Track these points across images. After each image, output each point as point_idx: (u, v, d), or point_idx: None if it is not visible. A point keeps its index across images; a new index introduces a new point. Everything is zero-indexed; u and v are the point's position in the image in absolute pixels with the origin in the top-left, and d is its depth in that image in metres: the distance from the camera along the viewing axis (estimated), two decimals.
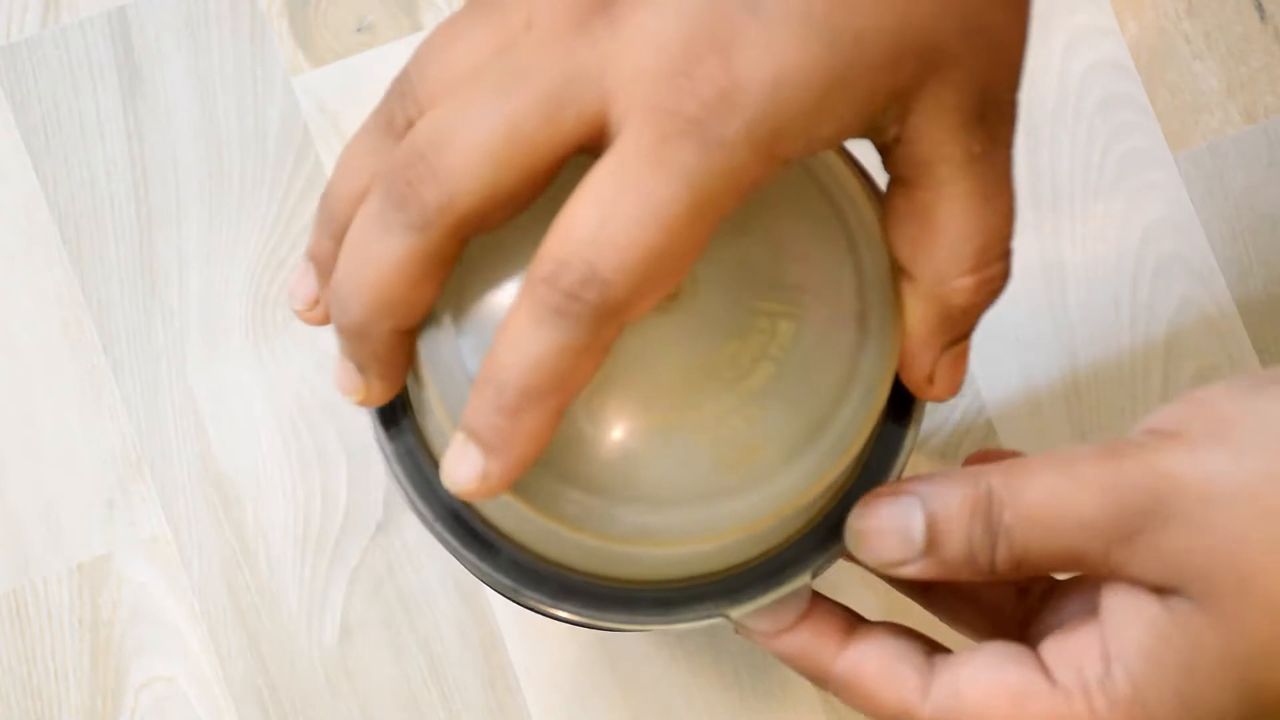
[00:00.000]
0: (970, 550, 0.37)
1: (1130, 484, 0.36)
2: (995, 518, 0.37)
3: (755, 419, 0.36)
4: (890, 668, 0.38)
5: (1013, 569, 0.37)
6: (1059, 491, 0.36)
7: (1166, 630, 0.35)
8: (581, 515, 0.36)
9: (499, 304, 0.36)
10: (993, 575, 0.37)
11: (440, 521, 0.38)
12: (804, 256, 0.37)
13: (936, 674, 0.38)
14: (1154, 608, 0.36)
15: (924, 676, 0.38)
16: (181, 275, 0.55)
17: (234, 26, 0.56)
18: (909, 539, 0.37)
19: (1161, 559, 0.35)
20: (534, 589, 0.38)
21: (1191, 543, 0.35)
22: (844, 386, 0.37)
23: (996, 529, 0.37)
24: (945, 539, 0.37)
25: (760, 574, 0.38)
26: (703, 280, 0.37)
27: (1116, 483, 0.36)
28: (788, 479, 0.37)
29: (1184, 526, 0.35)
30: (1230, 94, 0.56)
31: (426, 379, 0.37)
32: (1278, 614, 0.35)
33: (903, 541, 0.37)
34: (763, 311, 0.37)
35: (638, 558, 0.37)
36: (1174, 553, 0.35)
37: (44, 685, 0.54)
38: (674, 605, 0.38)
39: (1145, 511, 0.35)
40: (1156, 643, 0.36)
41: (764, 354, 0.37)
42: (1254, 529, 0.35)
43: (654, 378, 0.36)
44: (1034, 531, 0.36)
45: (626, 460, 0.36)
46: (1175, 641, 0.35)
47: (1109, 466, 0.36)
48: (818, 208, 0.38)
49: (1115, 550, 0.36)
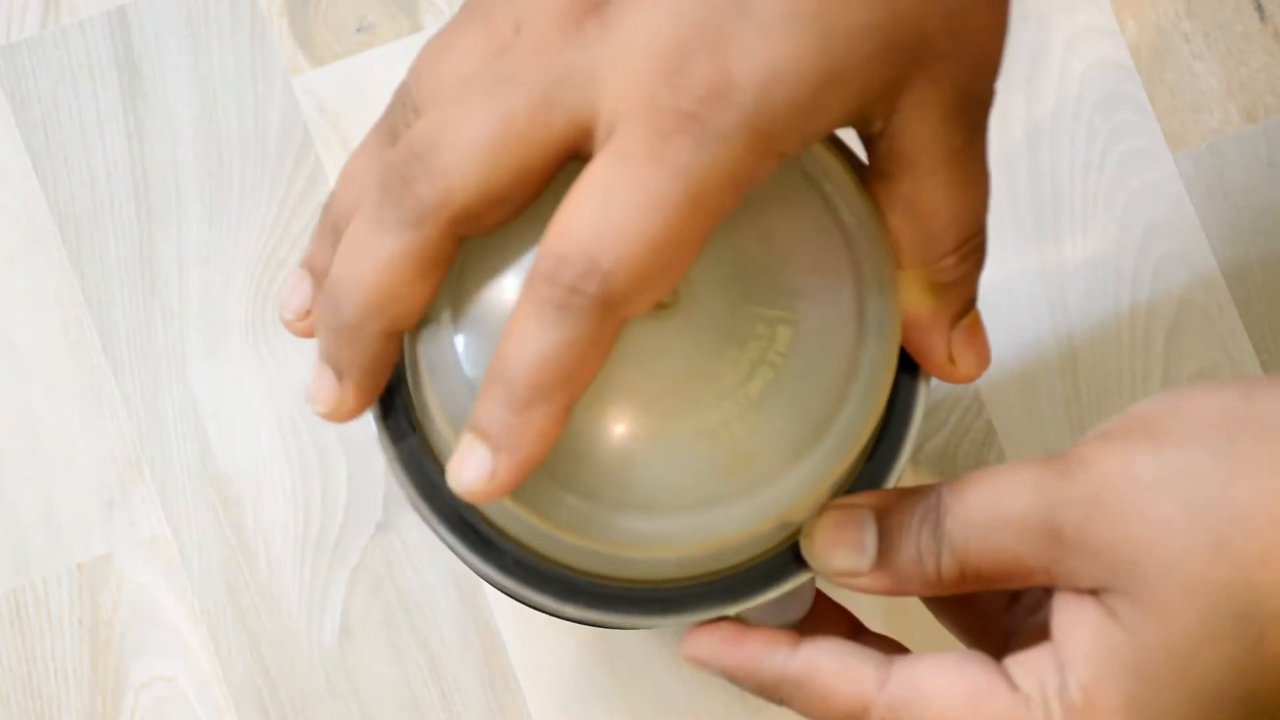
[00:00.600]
0: (918, 558, 0.37)
1: (1058, 482, 0.36)
2: (939, 524, 0.37)
3: (754, 425, 0.36)
4: (846, 662, 0.38)
5: (958, 578, 0.37)
6: (994, 495, 0.37)
7: (1110, 633, 0.36)
8: (581, 521, 0.36)
9: (497, 307, 0.36)
10: (941, 586, 0.38)
11: (443, 523, 0.38)
12: (801, 260, 0.37)
13: (895, 668, 0.38)
14: (1095, 612, 0.36)
15: (881, 670, 0.38)
16: (181, 275, 0.55)
17: (234, 26, 0.56)
18: (862, 549, 0.38)
19: (1093, 554, 0.36)
20: (537, 589, 0.38)
21: (1118, 534, 0.35)
22: (844, 388, 0.37)
23: (940, 536, 0.37)
24: (895, 548, 0.38)
25: (764, 572, 0.39)
26: (700, 286, 0.37)
27: (1046, 482, 0.36)
28: (789, 482, 0.37)
29: (1110, 518, 0.35)
30: (1230, 94, 0.56)
31: (426, 382, 0.37)
32: (1201, 601, 0.35)
33: (855, 551, 0.38)
34: (761, 317, 0.37)
35: (639, 561, 0.37)
36: (1103, 544, 0.36)
37: (44, 685, 0.54)
38: (677, 604, 0.38)
39: (1072, 504, 0.36)
40: (1101, 647, 0.36)
41: (763, 360, 0.37)
42: (1175, 516, 0.35)
43: (653, 384, 0.36)
44: (972, 535, 0.37)
45: (626, 466, 0.36)
46: (1119, 644, 0.36)
47: (1042, 469, 0.37)
48: (813, 209, 0.38)
49: (1048, 549, 0.36)
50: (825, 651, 0.38)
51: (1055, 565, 0.36)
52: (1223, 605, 0.35)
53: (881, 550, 0.38)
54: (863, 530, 0.38)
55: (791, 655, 0.38)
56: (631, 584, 0.38)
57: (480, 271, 0.37)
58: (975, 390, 0.55)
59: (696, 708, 0.54)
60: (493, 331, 0.36)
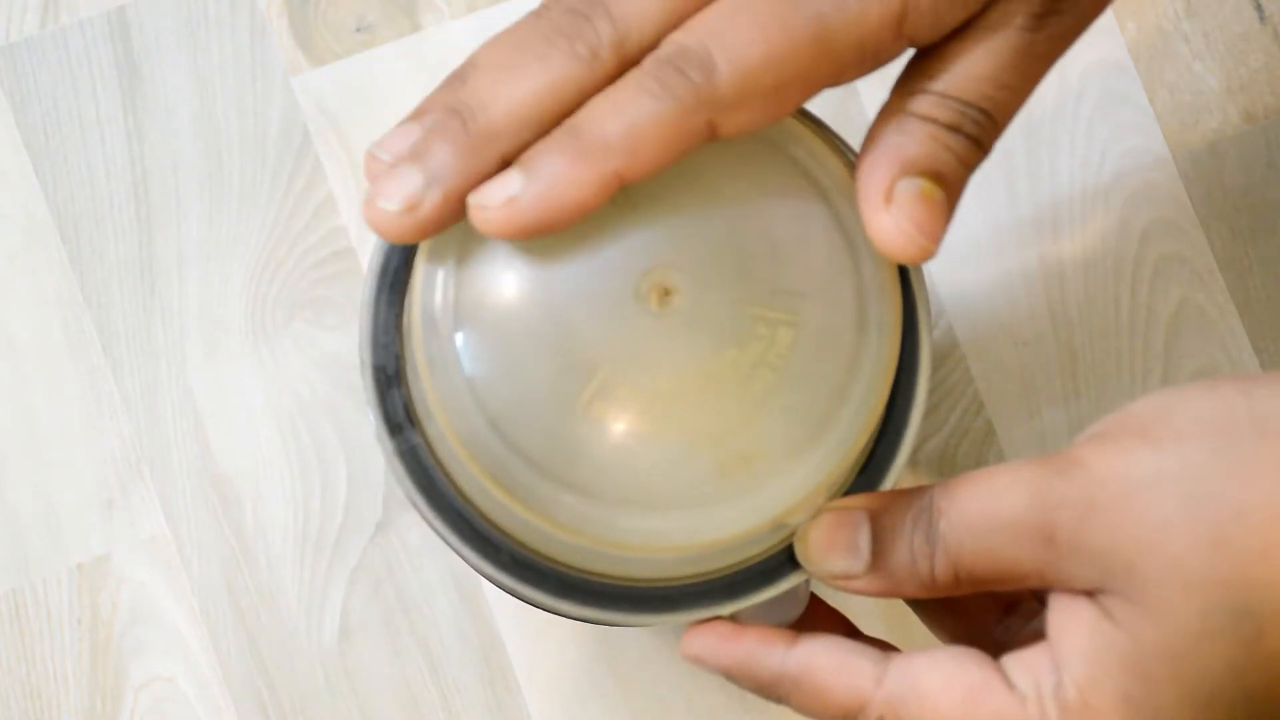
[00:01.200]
0: (912, 560, 0.37)
1: (1054, 483, 0.36)
2: (933, 526, 0.37)
3: (754, 426, 0.36)
4: (843, 659, 0.38)
5: (951, 580, 0.37)
6: (989, 496, 0.37)
7: (1106, 633, 0.36)
8: (580, 519, 0.36)
9: (499, 306, 0.36)
10: (935, 588, 0.38)
11: (441, 519, 0.38)
12: (802, 260, 0.37)
13: (891, 664, 0.38)
14: (1090, 611, 0.36)
15: (878, 666, 0.38)
16: (181, 275, 0.55)
17: (234, 26, 0.56)
18: (855, 551, 0.38)
19: (1089, 555, 0.36)
20: (534, 586, 0.38)
21: (1115, 535, 0.35)
22: (843, 390, 0.37)
23: (934, 538, 0.37)
24: (888, 550, 0.37)
25: (760, 571, 0.39)
26: (701, 286, 0.37)
27: (1041, 484, 0.36)
28: (787, 483, 0.37)
29: (1106, 519, 0.35)
30: (1230, 94, 0.56)
31: (426, 379, 0.37)
32: (1202, 599, 0.35)
33: (850, 554, 0.38)
34: (761, 319, 0.37)
35: (636, 559, 0.37)
36: (1099, 546, 0.35)
37: (43, 685, 0.54)
38: (674, 602, 0.38)
39: (1068, 506, 0.36)
40: (1097, 647, 0.36)
41: (762, 361, 0.37)
42: (1174, 515, 0.35)
43: (653, 384, 0.36)
44: (966, 537, 0.37)
45: (625, 466, 0.36)
46: (1115, 643, 0.36)
47: (1036, 470, 0.36)
48: (816, 209, 0.38)
49: (1043, 552, 0.36)
50: (822, 648, 0.38)
51: (1050, 568, 0.36)
52: (1220, 603, 0.35)
53: (875, 553, 0.38)
54: (857, 533, 0.38)
55: (789, 653, 0.38)
56: (629, 582, 0.38)
57: (484, 270, 0.37)
58: (975, 389, 0.55)
59: (696, 708, 0.54)
60: (493, 330, 0.36)
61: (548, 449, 0.36)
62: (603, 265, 0.36)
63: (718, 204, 0.37)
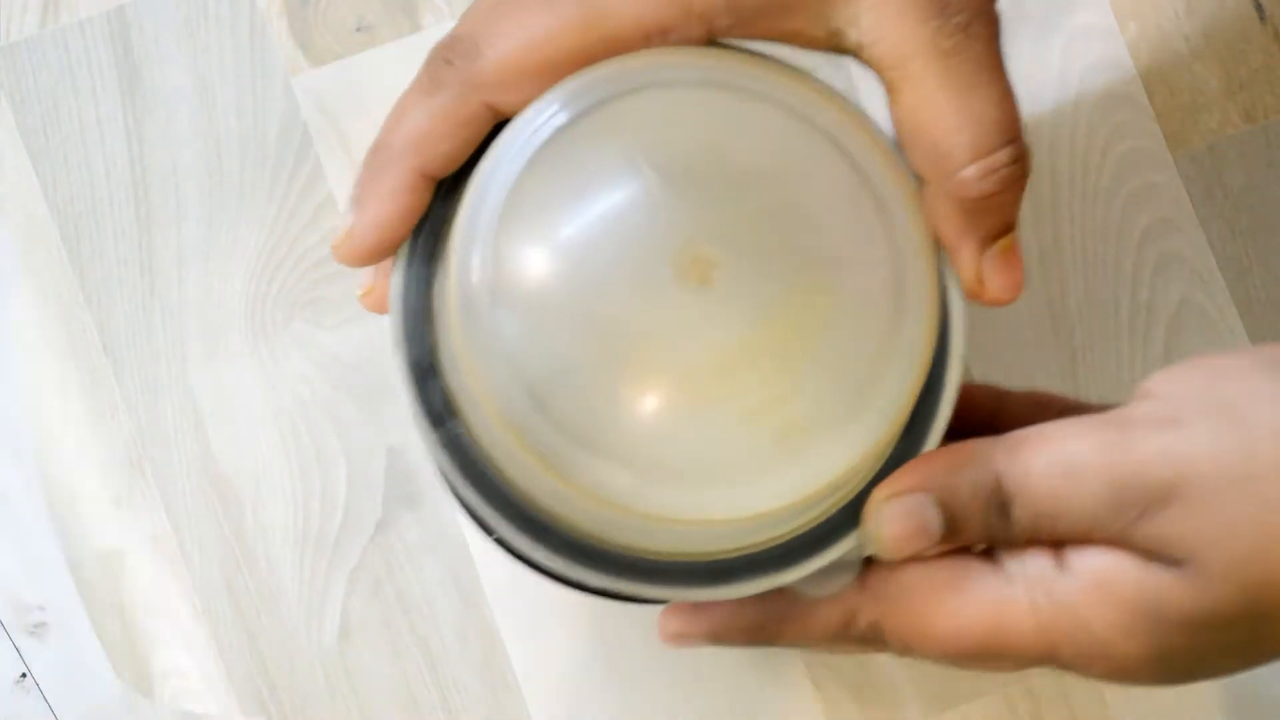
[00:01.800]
0: (989, 533, 0.38)
1: (1134, 475, 0.36)
2: (1006, 508, 0.37)
3: (802, 394, 0.37)
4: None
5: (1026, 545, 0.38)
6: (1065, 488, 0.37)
7: (1129, 569, 0.36)
8: (634, 496, 0.36)
9: (541, 288, 0.36)
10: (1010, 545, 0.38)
11: (490, 506, 0.38)
12: (837, 228, 0.38)
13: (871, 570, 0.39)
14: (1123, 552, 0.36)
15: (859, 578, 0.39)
16: (181, 275, 0.55)
17: (233, 26, 0.56)
18: (928, 533, 0.38)
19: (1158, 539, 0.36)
20: (590, 568, 0.38)
21: (1188, 527, 0.36)
22: (884, 357, 0.37)
23: (1009, 519, 0.37)
24: (963, 527, 0.38)
25: (812, 538, 0.39)
26: (739, 257, 0.37)
27: (1120, 475, 0.36)
28: (833, 454, 0.37)
29: (1185, 511, 0.36)
30: (1230, 94, 0.56)
31: (468, 366, 0.37)
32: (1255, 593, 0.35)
33: (922, 536, 0.38)
34: (798, 288, 0.37)
35: (691, 534, 0.38)
36: (1170, 535, 0.36)
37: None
38: (728, 574, 0.39)
39: (1149, 499, 0.36)
40: (1115, 574, 0.36)
41: (801, 332, 0.37)
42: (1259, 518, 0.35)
43: (698, 358, 0.36)
44: (1042, 522, 0.37)
45: (669, 440, 0.36)
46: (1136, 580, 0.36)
47: (1113, 457, 0.36)
48: (846, 176, 0.38)
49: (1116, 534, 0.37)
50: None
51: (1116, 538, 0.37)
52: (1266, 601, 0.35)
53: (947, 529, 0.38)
54: (925, 516, 0.38)
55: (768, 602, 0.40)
56: (681, 558, 0.38)
57: (522, 252, 0.37)
58: None
59: (696, 707, 0.54)
60: (534, 310, 0.36)
61: (597, 427, 0.36)
62: (641, 241, 0.37)
63: (749, 176, 0.37)
